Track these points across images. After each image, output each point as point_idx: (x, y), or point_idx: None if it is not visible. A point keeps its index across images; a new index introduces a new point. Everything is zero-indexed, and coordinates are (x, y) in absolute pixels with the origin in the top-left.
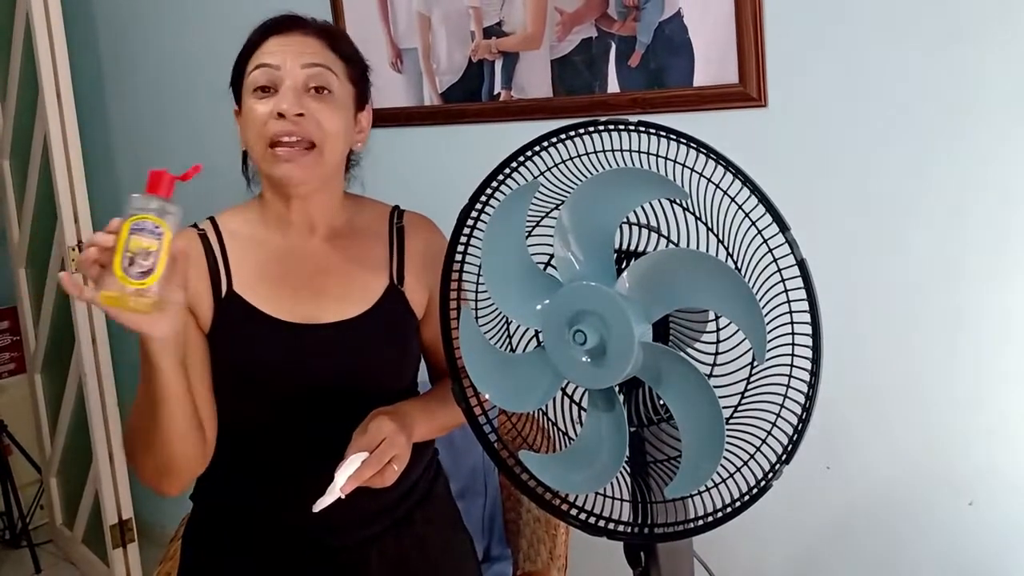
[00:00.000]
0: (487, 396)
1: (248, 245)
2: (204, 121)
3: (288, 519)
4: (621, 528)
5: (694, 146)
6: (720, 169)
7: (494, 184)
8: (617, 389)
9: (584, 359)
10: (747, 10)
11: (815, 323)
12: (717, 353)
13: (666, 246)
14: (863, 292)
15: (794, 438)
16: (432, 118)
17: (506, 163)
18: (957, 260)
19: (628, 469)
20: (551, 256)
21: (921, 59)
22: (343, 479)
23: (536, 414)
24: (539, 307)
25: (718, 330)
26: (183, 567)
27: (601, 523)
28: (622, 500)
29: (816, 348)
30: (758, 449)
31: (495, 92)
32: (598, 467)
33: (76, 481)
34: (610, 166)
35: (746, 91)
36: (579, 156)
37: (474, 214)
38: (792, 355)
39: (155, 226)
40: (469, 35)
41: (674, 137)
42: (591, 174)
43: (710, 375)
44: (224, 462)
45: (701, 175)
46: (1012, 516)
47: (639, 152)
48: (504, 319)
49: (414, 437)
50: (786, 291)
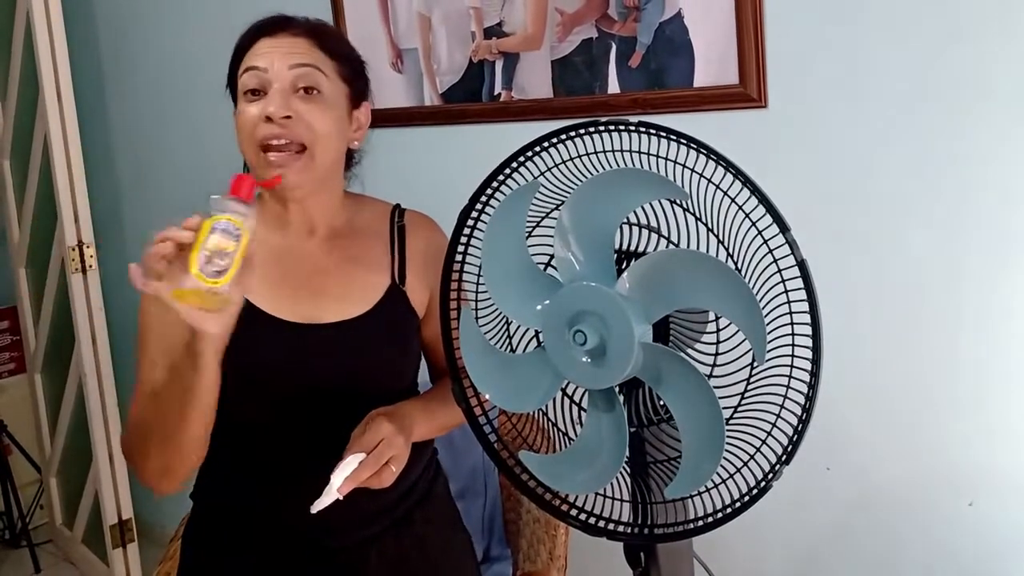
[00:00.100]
0: (487, 396)
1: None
2: (204, 121)
3: (288, 519)
4: (621, 528)
5: (694, 147)
6: (720, 170)
7: (494, 184)
8: (617, 389)
9: (584, 359)
10: (747, 11)
11: (815, 324)
12: (717, 354)
13: (666, 247)
14: (863, 292)
15: (794, 439)
16: (432, 118)
17: (506, 163)
18: (957, 260)
19: (628, 469)
20: (551, 256)
21: (921, 59)
22: (339, 480)
23: (536, 414)
24: (539, 307)
25: (718, 331)
26: (182, 567)
27: (601, 523)
28: (622, 500)
29: (816, 349)
30: (758, 450)
31: (495, 92)
32: (598, 467)
33: (76, 481)
34: (610, 166)
35: (746, 92)
36: (579, 156)
37: (474, 214)
38: (792, 355)
39: (235, 228)
40: (469, 35)
41: (674, 138)
42: (591, 174)
43: (710, 375)
44: (224, 462)
45: (701, 176)
46: (1012, 516)
47: (639, 152)
48: (504, 319)
49: (413, 437)
50: (786, 291)
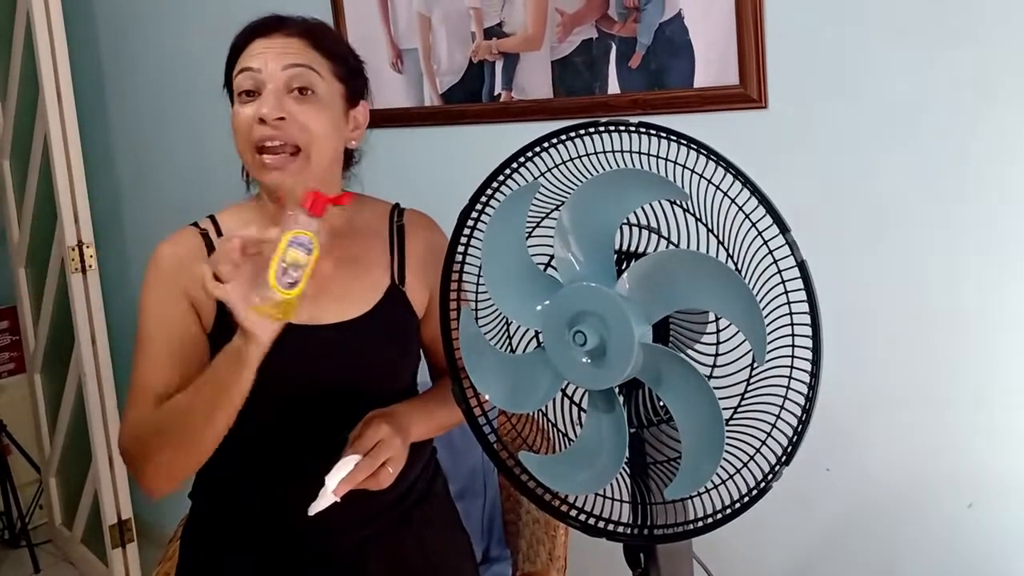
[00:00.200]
0: (487, 397)
1: None
2: (204, 121)
3: (287, 519)
4: (620, 529)
5: (694, 147)
6: (720, 170)
7: (494, 185)
8: (617, 390)
9: (584, 360)
10: (747, 11)
11: (815, 324)
12: (717, 354)
13: (666, 247)
14: (863, 293)
15: (794, 439)
16: (432, 119)
17: (506, 164)
18: (958, 260)
19: (628, 470)
20: (551, 257)
21: (921, 59)
22: (333, 483)
23: (536, 415)
24: (539, 308)
25: (718, 331)
26: (181, 567)
27: (600, 524)
28: (622, 501)
29: (816, 349)
30: (758, 451)
31: (495, 93)
32: (598, 468)
33: (75, 481)
34: (610, 167)
35: (746, 92)
36: (579, 157)
37: (474, 215)
38: (792, 356)
39: (308, 242)
40: (470, 36)
41: (674, 138)
42: (591, 175)
43: (710, 376)
44: (223, 462)
45: (701, 176)
46: (1012, 518)
47: (639, 153)
48: (504, 319)
49: (411, 438)
50: (786, 292)
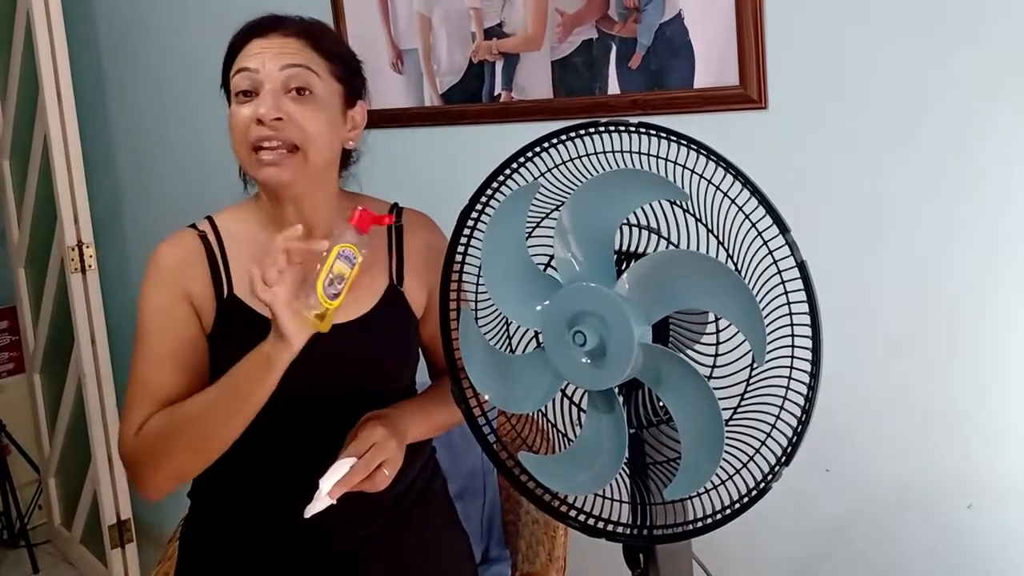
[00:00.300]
0: (486, 397)
1: (246, 246)
2: (204, 120)
3: (287, 519)
4: (620, 530)
5: (694, 148)
6: (720, 171)
7: (494, 185)
8: (617, 390)
9: (584, 360)
10: (747, 12)
11: (815, 325)
12: (717, 355)
13: (666, 247)
14: (863, 294)
15: (794, 440)
16: (433, 119)
17: (506, 164)
18: (957, 260)
19: (627, 471)
20: (551, 257)
21: (922, 59)
22: (328, 486)
23: (535, 415)
24: (539, 308)
25: (718, 332)
26: (180, 567)
27: (600, 524)
28: (621, 502)
29: (816, 350)
30: (757, 451)
31: (496, 93)
32: (597, 469)
33: (75, 481)
34: (610, 167)
35: (746, 93)
36: (579, 157)
37: (474, 215)
38: (792, 357)
39: (353, 255)
40: (470, 36)
41: (674, 139)
42: (591, 175)
43: (710, 376)
44: (223, 462)
45: (701, 177)
46: (1012, 518)
47: (639, 153)
48: (504, 320)
49: (408, 439)
50: (786, 293)
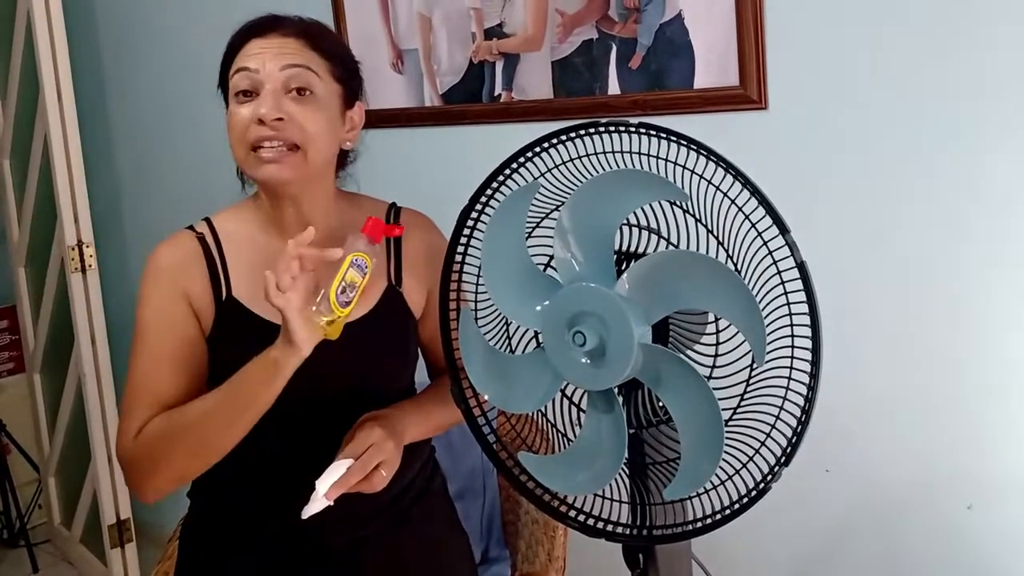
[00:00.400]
0: (486, 397)
1: (244, 247)
2: (205, 120)
3: (285, 519)
4: (620, 530)
5: (694, 148)
6: (720, 171)
7: (494, 185)
8: (616, 391)
9: (584, 360)
10: (747, 12)
11: (815, 325)
12: (717, 355)
13: (666, 248)
14: (863, 294)
15: (793, 440)
16: (433, 119)
17: (506, 164)
18: (957, 261)
19: (627, 471)
20: (551, 257)
21: (922, 59)
22: (324, 487)
23: (535, 415)
24: (539, 308)
25: (718, 332)
26: (180, 566)
27: (600, 525)
28: (621, 502)
29: (816, 350)
30: (757, 451)
31: (496, 93)
32: (597, 469)
33: (74, 481)
34: (611, 167)
35: (746, 93)
36: (580, 157)
37: (474, 215)
38: (792, 357)
39: (365, 264)
40: (470, 36)
41: (674, 139)
42: (591, 175)
43: (709, 377)
44: (223, 462)
45: (701, 177)
46: (1012, 518)
47: (639, 154)
48: (504, 320)
49: (407, 439)
50: (786, 293)
